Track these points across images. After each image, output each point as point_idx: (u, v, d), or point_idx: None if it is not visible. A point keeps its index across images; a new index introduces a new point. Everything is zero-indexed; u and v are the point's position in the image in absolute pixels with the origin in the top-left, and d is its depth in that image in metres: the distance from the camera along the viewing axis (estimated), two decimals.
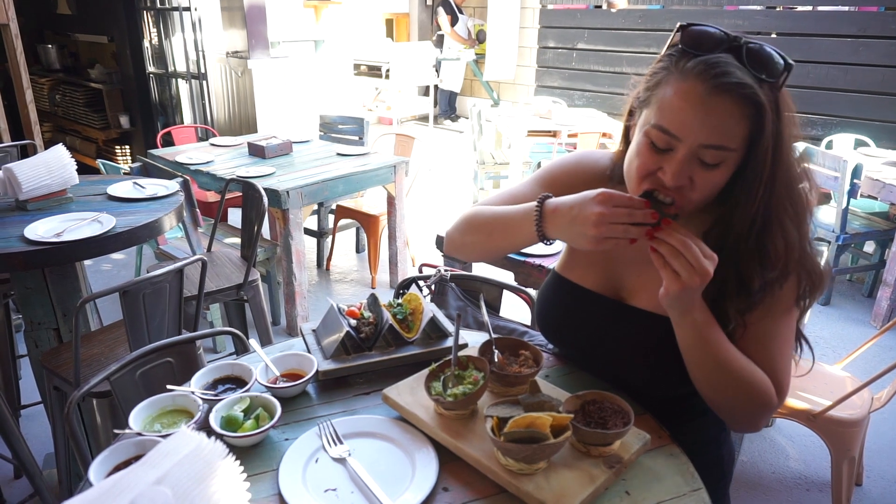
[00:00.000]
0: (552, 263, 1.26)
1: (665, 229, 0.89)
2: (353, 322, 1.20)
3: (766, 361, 0.98)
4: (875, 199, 3.62)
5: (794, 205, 0.96)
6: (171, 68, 5.45)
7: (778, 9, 4.81)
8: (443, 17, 8.19)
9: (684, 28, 0.92)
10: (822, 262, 1.04)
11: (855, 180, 3.35)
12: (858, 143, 4.22)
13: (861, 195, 3.48)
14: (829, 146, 4.19)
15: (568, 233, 0.95)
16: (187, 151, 3.47)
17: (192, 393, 1.04)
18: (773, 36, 4.79)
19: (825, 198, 3.79)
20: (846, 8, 4.48)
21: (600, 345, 1.11)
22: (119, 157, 5.82)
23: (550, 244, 1.01)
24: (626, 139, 1.04)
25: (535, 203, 1.00)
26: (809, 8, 4.67)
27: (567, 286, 1.16)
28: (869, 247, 3.96)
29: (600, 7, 5.94)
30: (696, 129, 0.87)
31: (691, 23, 0.93)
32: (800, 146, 0.96)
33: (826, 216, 3.62)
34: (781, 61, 0.88)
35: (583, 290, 1.13)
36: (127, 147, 5.91)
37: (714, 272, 0.87)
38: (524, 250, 2.06)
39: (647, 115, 0.94)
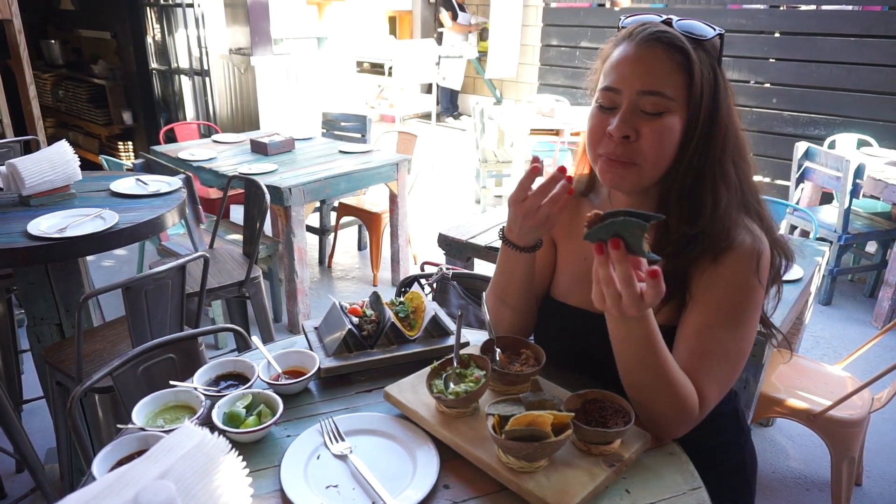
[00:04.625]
0: None
1: (616, 257, 0.80)
2: (356, 320, 1.21)
3: (697, 371, 0.95)
4: (877, 199, 3.62)
5: (738, 172, 1.00)
6: (173, 65, 5.45)
7: (781, 8, 4.79)
8: (444, 14, 8.18)
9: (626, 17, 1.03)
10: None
11: (857, 180, 3.35)
12: (861, 143, 4.21)
13: (863, 195, 3.48)
14: (831, 146, 4.18)
15: (521, 234, 1.04)
16: (190, 148, 3.48)
17: (195, 389, 1.04)
18: (777, 35, 4.77)
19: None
20: (850, 7, 4.47)
21: (595, 360, 1.08)
22: (122, 154, 5.83)
23: (529, 250, 1.07)
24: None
25: (498, 232, 1.11)
26: (813, 7, 4.65)
27: (555, 306, 1.16)
28: (871, 247, 3.96)
29: (603, 5, 5.93)
30: (631, 78, 0.95)
31: (631, 13, 1.04)
32: (801, 145, 0.98)
33: (828, 216, 3.62)
34: (710, 28, 0.96)
35: (568, 308, 1.14)
36: (130, 143, 5.92)
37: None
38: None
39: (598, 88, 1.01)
